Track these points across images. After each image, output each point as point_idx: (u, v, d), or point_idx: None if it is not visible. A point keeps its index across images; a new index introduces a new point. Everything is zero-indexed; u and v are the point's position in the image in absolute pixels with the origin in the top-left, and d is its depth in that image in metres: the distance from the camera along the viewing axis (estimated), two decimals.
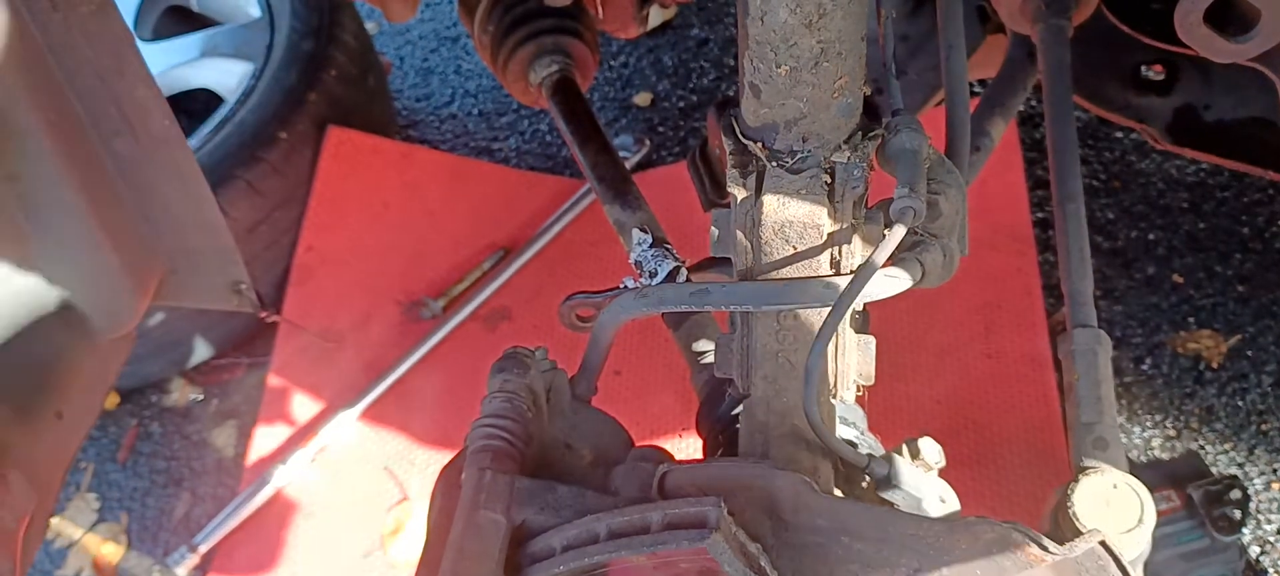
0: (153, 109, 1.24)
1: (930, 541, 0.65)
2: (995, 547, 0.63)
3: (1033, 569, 0.63)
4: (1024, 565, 0.63)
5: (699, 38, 3.26)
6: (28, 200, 1.17)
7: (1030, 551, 0.62)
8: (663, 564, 0.65)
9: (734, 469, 0.69)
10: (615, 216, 1.11)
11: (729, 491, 0.69)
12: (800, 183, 0.66)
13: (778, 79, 0.64)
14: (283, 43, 2.59)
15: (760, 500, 0.69)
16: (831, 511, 0.68)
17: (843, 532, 0.67)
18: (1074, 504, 0.91)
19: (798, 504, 0.68)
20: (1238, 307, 2.37)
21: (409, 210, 2.78)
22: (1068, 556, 0.62)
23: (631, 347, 2.43)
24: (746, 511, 0.69)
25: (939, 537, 0.64)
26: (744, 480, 0.69)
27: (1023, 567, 0.63)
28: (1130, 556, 0.89)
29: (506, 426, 0.74)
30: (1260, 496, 2.11)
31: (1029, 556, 0.63)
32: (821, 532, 0.68)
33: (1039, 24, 1.36)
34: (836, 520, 0.67)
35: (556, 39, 1.33)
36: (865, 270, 0.62)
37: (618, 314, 0.75)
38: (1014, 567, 0.63)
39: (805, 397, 0.67)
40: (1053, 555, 0.62)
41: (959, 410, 2.22)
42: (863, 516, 0.67)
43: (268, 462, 2.42)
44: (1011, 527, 0.63)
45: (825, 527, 0.68)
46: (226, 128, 2.43)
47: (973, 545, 0.63)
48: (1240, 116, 1.47)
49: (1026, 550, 0.62)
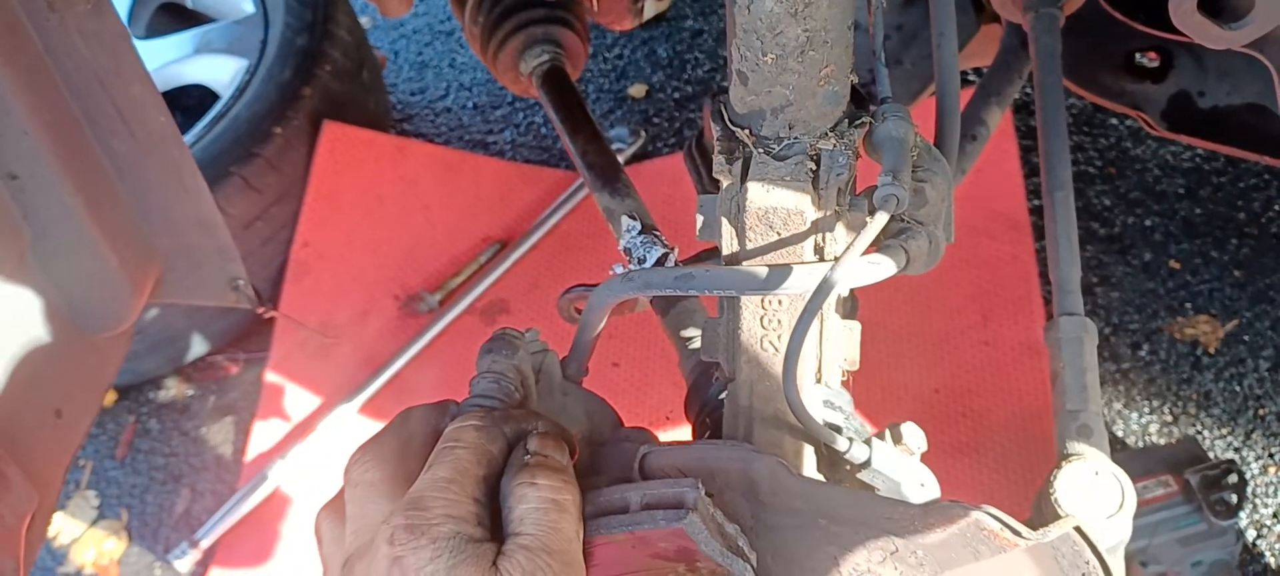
0: (149, 107, 1.25)
1: (905, 524, 0.65)
2: (968, 531, 0.64)
3: (1007, 553, 0.63)
4: (997, 549, 0.63)
5: (693, 29, 3.26)
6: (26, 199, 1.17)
7: (1002, 536, 0.63)
8: (641, 542, 0.66)
9: (713, 451, 0.70)
10: (605, 204, 1.12)
11: (708, 473, 0.70)
12: (785, 169, 0.66)
13: (764, 67, 0.65)
14: (277, 38, 2.59)
15: (739, 482, 0.70)
16: (808, 494, 0.68)
17: (820, 515, 0.68)
18: (1056, 490, 0.92)
19: (775, 486, 0.69)
20: (1234, 293, 2.38)
21: (405, 204, 2.78)
22: (1040, 542, 0.62)
23: (629, 340, 2.43)
24: (725, 493, 0.70)
25: (913, 520, 0.65)
26: (723, 462, 0.70)
27: (996, 551, 0.63)
28: (1111, 542, 0.89)
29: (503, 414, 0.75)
30: (1257, 480, 2.12)
31: (1000, 541, 0.63)
32: (799, 515, 0.69)
33: (1030, 13, 1.37)
34: (813, 502, 0.68)
35: (547, 29, 1.34)
36: (846, 256, 0.63)
37: (605, 295, 0.77)
38: (987, 551, 0.64)
39: (785, 382, 0.68)
40: (1025, 540, 0.62)
41: (956, 398, 2.23)
42: (839, 499, 0.68)
43: (267, 458, 2.42)
44: (983, 511, 0.64)
45: (803, 509, 0.69)
46: (222, 124, 2.43)
47: (946, 528, 0.64)
48: (1235, 102, 1.47)
49: (998, 535, 0.63)
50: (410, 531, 0.61)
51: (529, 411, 0.72)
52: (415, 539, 0.60)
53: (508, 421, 0.69)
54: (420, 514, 0.61)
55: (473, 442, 0.66)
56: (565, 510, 0.65)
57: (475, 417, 0.69)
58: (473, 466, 0.65)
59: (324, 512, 0.71)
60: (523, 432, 0.69)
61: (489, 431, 0.67)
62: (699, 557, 0.66)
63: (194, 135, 2.42)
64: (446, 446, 0.66)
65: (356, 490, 0.68)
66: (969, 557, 0.64)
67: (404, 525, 0.61)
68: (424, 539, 0.60)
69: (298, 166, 2.60)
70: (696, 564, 0.67)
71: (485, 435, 0.67)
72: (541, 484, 0.65)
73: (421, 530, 0.61)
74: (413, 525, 0.61)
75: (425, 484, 0.64)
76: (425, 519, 0.61)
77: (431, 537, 0.60)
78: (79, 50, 1.18)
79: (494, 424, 0.68)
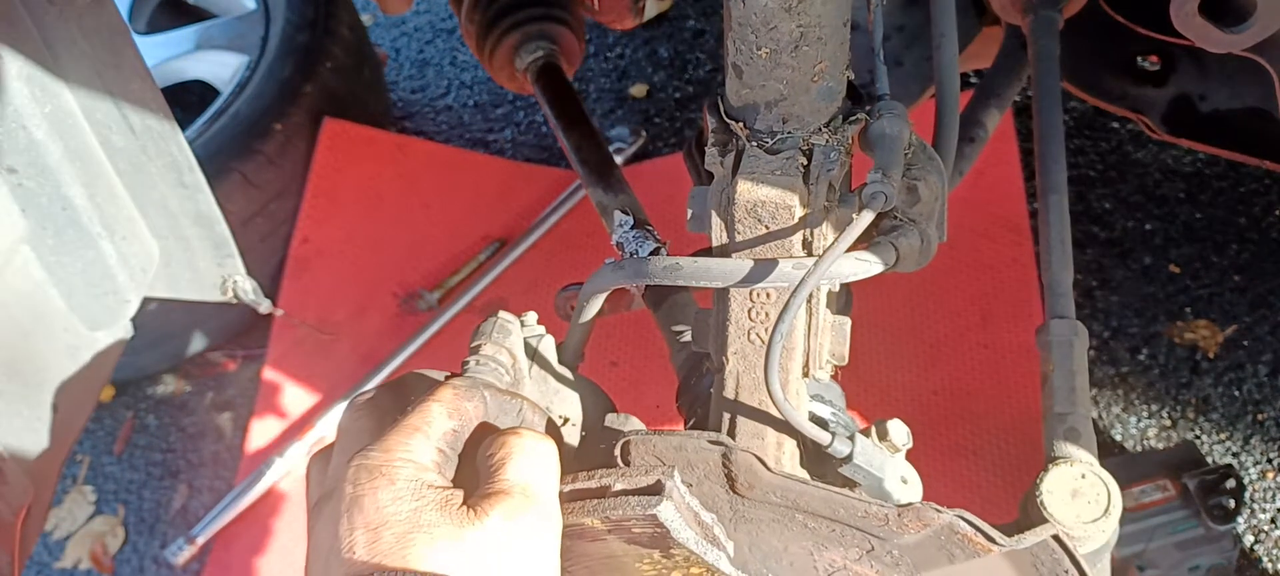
0: (149, 102, 1.25)
1: (879, 524, 0.66)
2: (942, 534, 0.64)
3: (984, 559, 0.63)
4: (971, 553, 0.64)
5: (695, 29, 3.26)
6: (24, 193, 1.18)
7: (976, 541, 0.63)
8: (616, 526, 0.66)
9: (693, 442, 0.71)
10: (598, 199, 1.13)
11: (687, 463, 0.71)
12: (776, 163, 0.67)
13: (758, 61, 0.66)
14: (278, 35, 2.59)
15: (717, 473, 0.71)
16: (784, 489, 0.69)
17: (797, 510, 0.68)
18: (1042, 493, 0.92)
19: (752, 479, 0.69)
20: (1234, 298, 2.37)
21: (405, 202, 2.78)
22: (1016, 547, 0.62)
23: (627, 339, 2.43)
24: (704, 484, 0.71)
25: (888, 521, 0.65)
26: (702, 453, 0.71)
27: (970, 555, 0.64)
28: (1096, 545, 0.89)
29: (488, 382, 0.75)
30: (1255, 485, 2.12)
31: (975, 545, 0.63)
32: (776, 508, 0.69)
33: (1030, 15, 1.37)
34: (789, 497, 0.69)
35: (542, 26, 1.35)
36: (831, 251, 0.63)
37: (597, 285, 0.78)
38: (962, 554, 0.64)
39: (768, 374, 0.68)
40: (1000, 546, 0.62)
41: (954, 399, 2.23)
42: (814, 496, 0.68)
43: (264, 454, 2.42)
44: (957, 515, 0.64)
45: (779, 504, 0.69)
46: (222, 120, 2.43)
47: (921, 530, 0.64)
48: (1236, 107, 1.47)
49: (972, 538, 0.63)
50: (369, 472, 0.61)
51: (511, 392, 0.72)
52: (372, 479, 0.60)
53: (491, 389, 0.70)
54: (381, 454, 0.62)
55: (446, 398, 0.66)
56: (545, 461, 0.66)
57: (456, 379, 0.70)
58: (442, 418, 0.65)
59: (315, 458, 0.72)
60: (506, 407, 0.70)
61: (466, 391, 0.68)
62: (674, 544, 0.66)
63: (194, 131, 2.42)
64: (422, 399, 0.67)
65: (343, 437, 0.69)
66: (943, 560, 0.64)
67: (363, 464, 0.61)
68: (382, 480, 0.60)
69: (297, 163, 2.60)
70: (671, 551, 0.67)
71: (461, 393, 0.67)
72: (523, 436, 0.66)
73: (379, 470, 0.61)
74: (371, 465, 0.61)
75: (391, 428, 0.64)
76: (385, 459, 0.61)
77: (390, 478, 0.60)
78: (79, 44, 1.18)
79: (473, 384, 0.69)
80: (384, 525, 0.59)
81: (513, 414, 0.69)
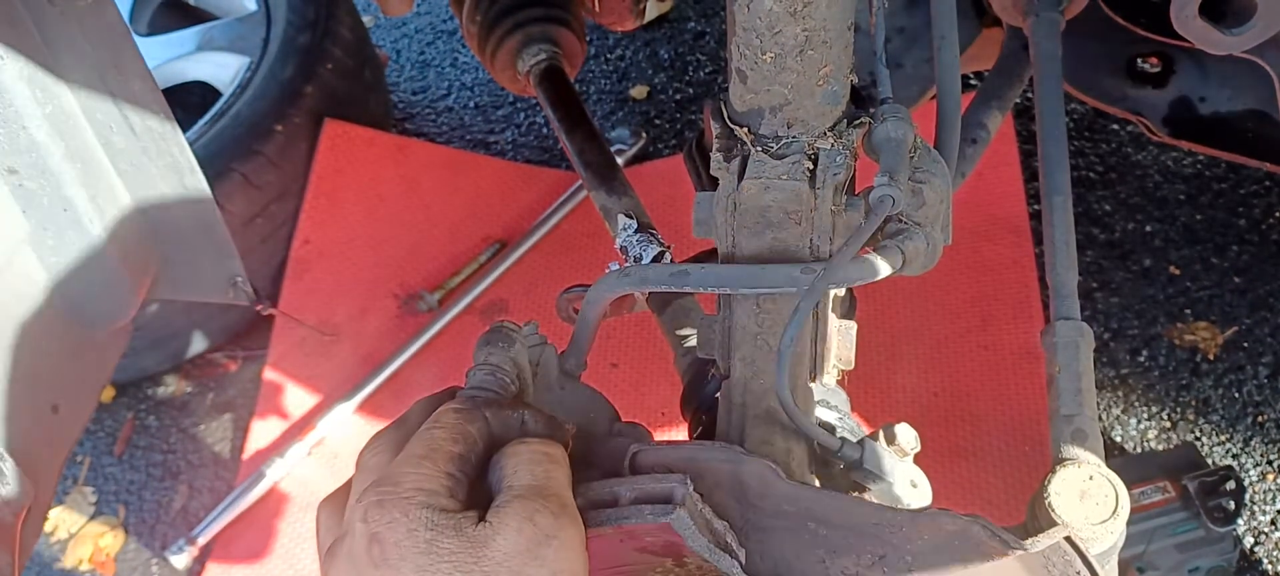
0: (150, 103, 1.25)
1: (893, 530, 0.65)
2: (956, 540, 0.64)
3: (997, 562, 0.63)
4: (986, 557, 0.63)
5: (696, 31, 3.26)
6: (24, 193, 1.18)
7: (992, 546, 0.63)
8: (628, 536, 0.66)
9: (704, 452, 0.70)
10: (601, 202, 1.12)
11: (698, 472, 0.70)
12: (782, 168, 0.67)
13: (763, 65, 0.65)
14: (279, 36, 2.59)
15: (728, 482, 0.70)
16: (796, 497, 0.68)
17: (809, 518, 0.68)
18: (1050, 495, 0.92)
19: (764, 488, 0.69)
20: (1234, 299, 2.37)
21: (405, 203, 2.78)
22: (1029, 551, 0.62)
23: (628, 341, 2.43)
24: (715, 493, 0.70)
25: (902, 527, 0.65)
26: (713, 463, 0.70)
27: (983, 559, 0.63)
28: (1104, 547, 0.89)
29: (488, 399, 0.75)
30: (1255, 487, 2.12)
31: (990, 549, 0.63)
32: (788, 517, 0.69)
33: (1031, 17, 1.36)
34: (801, 505, 0.68)
35: (544, 28, 1.35)
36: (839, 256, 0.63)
37: (602, 291, 0.78)
38: (976, 559, 0.63)
39: (778, 380, 0.68)
40: (1015, 550, 0.62)
41: (955, 401, 2.23)
42: (827, 503, 0.68)
43: (265, 455, 2.42)
44: (972, 521, 0.63)
45: (791, 512, 0.69)
46: (222, 121, 2.43)
47: (935, 536, 0.64)
48: (1236, 109, 1.47)
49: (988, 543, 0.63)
50: (381, 506, 0.61)
51: (519, 402, 0.72)
52: (387, 513, 0.60)
53: (491, 408, 0.69)
54: (391, 488, 0.61)
55: (449, 422, 0.66)
56: (557, 462, 0.66)
57: (456, 402, 0.70)
58: (447, 443, 0.65)
59: (324, 504, 0.72)
60: (508, 421, 0.69)
61: (468, 413, 0.68)
62: (686, 553, 0.66)
63: (195, 132, 2.42)
64: (424, 428, 0.67)
65: (355, 478, 0.69)
66: (956, 564, 0.64)
67: (376, 501, 0.61)
68: (396, 511, 0.60)
69: (298, 164, 2.60)
70: (684, 559, 0.67)
71: (464, 416, 0.67)
72: (532, 443, 0.66)
73: (392, 503, 0.61)
74: (383, 500, 0.61)
75: (398, 461, 0.64)
76: (396, 492, 0.61)
77: (403, 510, 0.60)
78: (79, 44, 1.18)
79: (474, 406, 0.69)
80: (403, 560, 0.59)
81: (516, 425, 0.69)
